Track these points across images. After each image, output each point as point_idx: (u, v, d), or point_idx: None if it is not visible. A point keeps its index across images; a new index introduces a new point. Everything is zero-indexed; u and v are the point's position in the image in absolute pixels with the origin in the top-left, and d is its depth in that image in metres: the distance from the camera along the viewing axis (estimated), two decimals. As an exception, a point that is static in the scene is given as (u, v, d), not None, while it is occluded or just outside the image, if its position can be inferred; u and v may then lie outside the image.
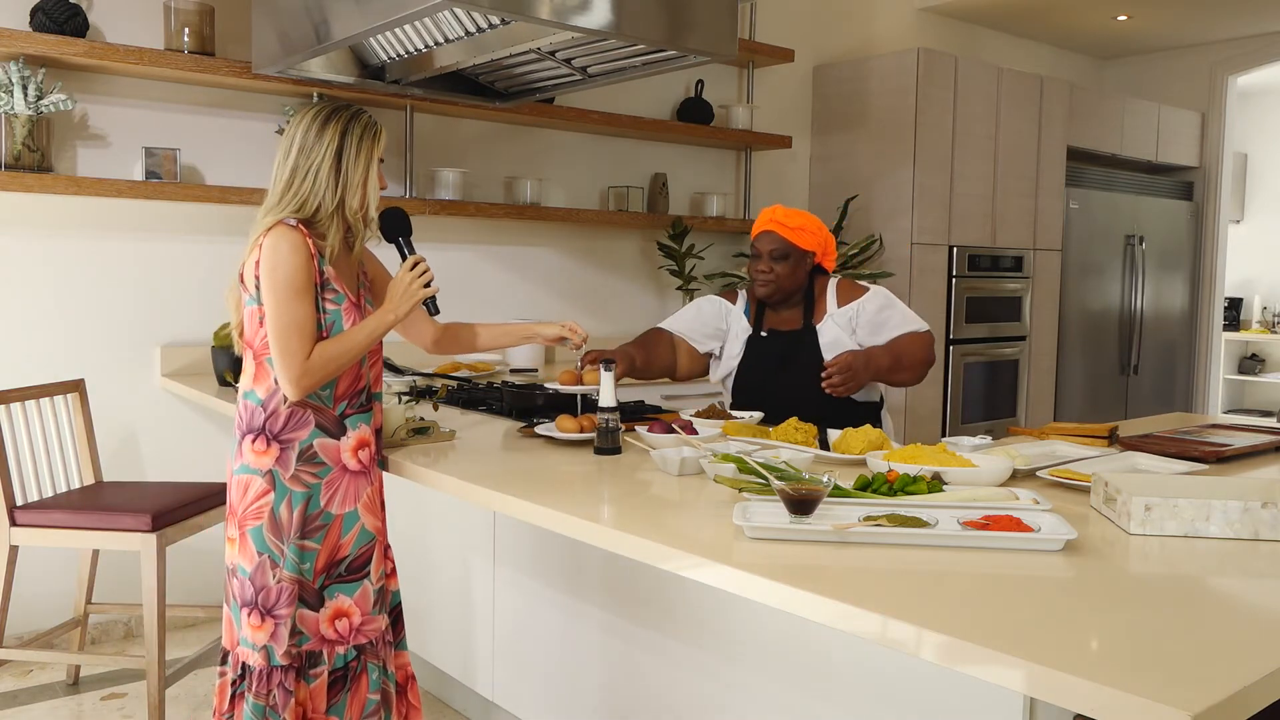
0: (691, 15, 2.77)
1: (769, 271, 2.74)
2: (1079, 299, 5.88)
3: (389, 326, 2.07)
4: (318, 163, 2.01)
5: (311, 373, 1.96)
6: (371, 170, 2.06)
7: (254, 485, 2.01)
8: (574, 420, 2.35)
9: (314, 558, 2.02)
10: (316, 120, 2.02)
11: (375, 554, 2.11)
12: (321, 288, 2.01)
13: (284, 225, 1.99)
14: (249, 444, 2.02)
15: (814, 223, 2.78)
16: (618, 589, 2.23)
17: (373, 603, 2.09)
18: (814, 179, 5.37)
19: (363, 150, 2.04)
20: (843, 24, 5.44)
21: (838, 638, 1.70)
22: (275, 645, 1.99)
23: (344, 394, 2.06)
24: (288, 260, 1.95)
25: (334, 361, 1.99)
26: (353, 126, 2.03)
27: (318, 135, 2.01)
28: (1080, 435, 2.50)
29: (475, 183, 4.26)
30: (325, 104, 2.06)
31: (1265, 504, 1.62)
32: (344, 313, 2.03)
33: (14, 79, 3.13)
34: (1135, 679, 1.06)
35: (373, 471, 2.12)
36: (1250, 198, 8.08)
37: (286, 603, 1.99)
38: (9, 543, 2.74)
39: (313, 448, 2.02)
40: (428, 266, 2.12)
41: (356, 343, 2.01)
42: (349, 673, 2.07)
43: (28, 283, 3.33)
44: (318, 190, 2.01)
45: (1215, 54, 6.56)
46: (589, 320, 4.64)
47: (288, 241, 1.96)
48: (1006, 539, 1.54)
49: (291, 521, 2.00)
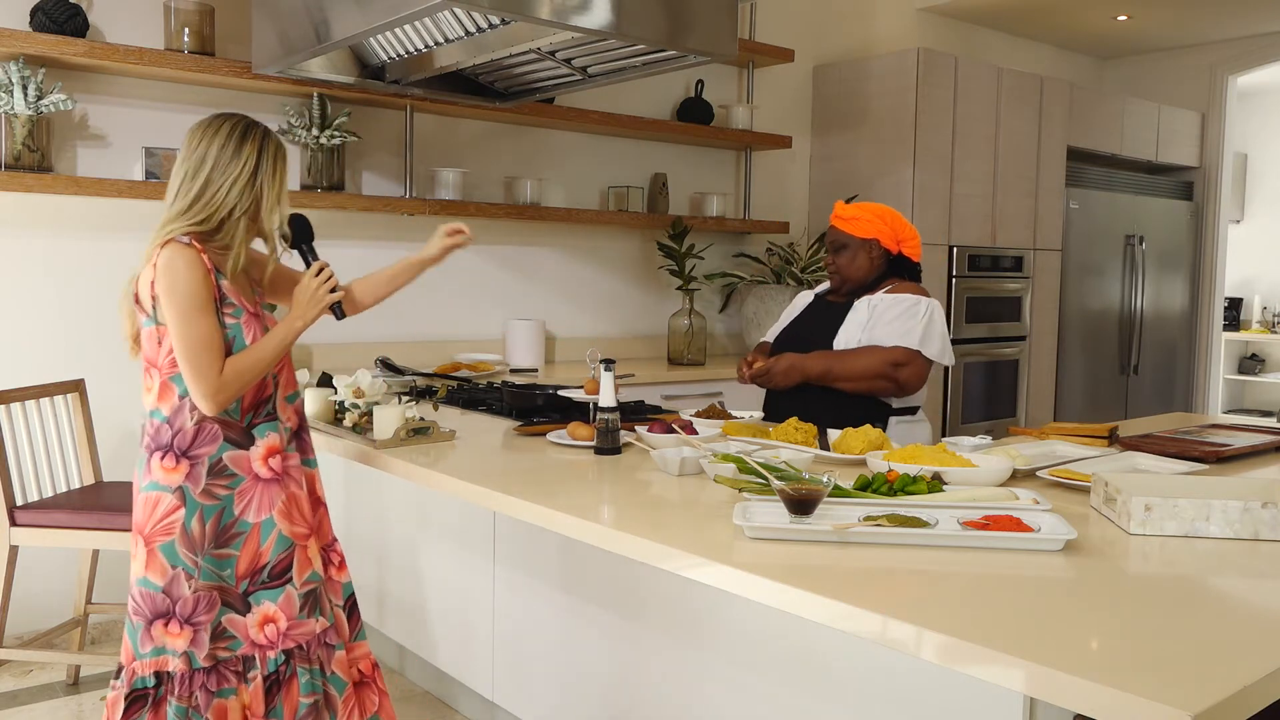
0: (691, 15, 2.78)
1: (832, 264, 2.88)
2: (1079, 299, 5.88)
3: (298, 333, 2.11)
4: (234, 177, 2.03)
5: (226, 388, 1.99)
6: (284, 185, 2.11)
7: (163, 502, 2.00)
8: (588, 427, 2.34)
9: (234, 564, 2.03)
10: (232, 137, 2.05)
11: (297, 559, 2.10)
12: (220, 303, 2.02)
13: (177, 243, 1.99)
14: (157, 461, 2.01)
15: (872, 211, 2.82)
16: (618, 589, 2.23)
17: (299, 607, 2.09)
18: (814, 179, 5.37)
19: (277, 168, 2.09)
20: (843, 24, 5.44)
21: (838, 638, 1.70)
22: (196, 650, 2.01)
23: (250, 405, 2.07)
24: (186, 278, 1.96)
25: (247, 374, 2.01)
26: (268, 145, 2.08)
27: (235, 151, 2.04)
28: (1080, 435, 2.50)
29: (475, 183, 4.26)
30: (232, 119, 2.08)
31: (1265, 504, 1.62)
32: (244, 325, 2.05)
33: (14, 79, 3.13)
34: (1135, 679, 1.06)
35: (288, 477, 2.11)
36: (1250, 198, 8.08)
37: (205, 609, 2.01)
38: (9, 543, 2.74)
39: (222, 461, 2.03)
40: (332, 272, 2.16)
41: (268, 352, 2.04)
42: (279, 677, 2.08)
43: (28, 282, 3.33)
44: (229, 203, 2.03)
45: (1215, 54, 6.56)
46: (589, 320, 4.64)
47: (183, 259, 1.97)
48: (1006, 539, 1.54)
49: (204, 535, 2.01)
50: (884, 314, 2.75)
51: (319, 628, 2.13)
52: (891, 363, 2.69)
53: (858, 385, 2.72)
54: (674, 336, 4.60)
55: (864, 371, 2.69)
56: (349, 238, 3.97)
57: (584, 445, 2.32)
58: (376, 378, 2.71)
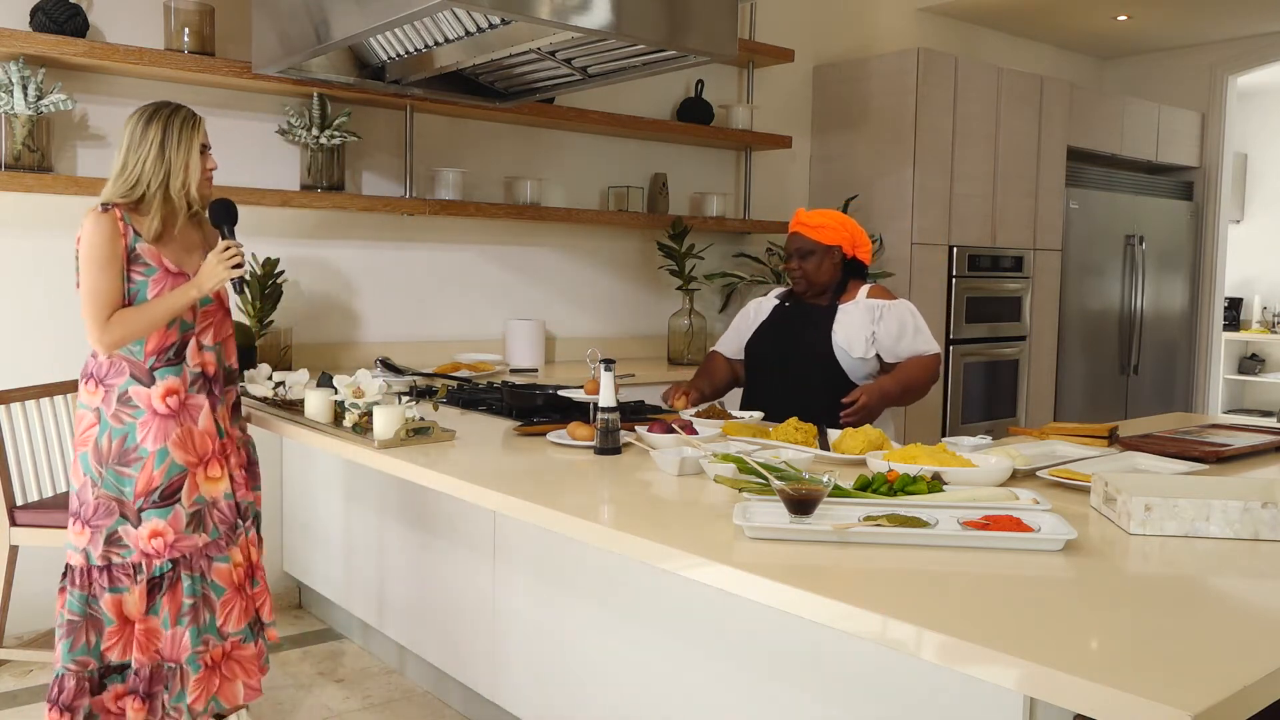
0: (691, 15, 2.77)
1: (797, 269, 2.98)
2: (1079, 299, 5.88)
3: (191, 300, 2.42)
4: (144, 154, 2.39)
5: (110, 333, 2.35)
6: (193, 154, 2.43)
7: (85, 419, 2.43)
8: (588, 427, 2.34)
9: (133, 484, 2.40)
10: (142, 120, 2.42)
11: (186, 484, 2.44)
12: (131, 262, 2.38)
13: (95, 210, 2.38)
14: (84, 385, 2.45)
15: (835, 219, 2.98)
16: (617, 588, 2.23)
17: (185, 523, 2.44)
18: (814, 179, 5.37)
19: (183, 139, 2.42)
20: (843, 24, 5.44)
21: (838, 638, 1.70)
22: (92, 549, 2.40)
23: (153, 350, 2.43)
24: (90, 238, 2.35)
25: (131, 325, 2.36)
26: (173, 120, 2.43)
27: (143, 132, 2.41)
28: (1080, 435, 2.50)
29: (475, 183, 4.26)
30: (149, 106, 2.45)
31: (1265, 504, 1.62)
32: (151, 283, 2.40)
33: (14, 79, 3.13)
34: (1135, 679, 1.06)
35: (185, 414, 2.45)
36: (1250, 198, 8.08)
37: (103, 515, 2.40)
38: (9, 543, 2.75)
39: (128, 393, 2.41)
40: (238, 251, 2.44)
41: (155, 312, 2.38)
42: (165, 581, 2.44)
43: (28, 282, 3.33)
44: (144, 176, 2.39)
45: (1215, 54, 6.56)
46: (589, 320, 4.64)
47: (92, 222, 2.36)
48: (1006, 539, 1.54)
49: (110, 451, 2.40)
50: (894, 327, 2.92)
51: (201, 542, 2.48)
52: (936, 367, 2.96)
53: (922, 394, 2.98)
54: (674, 336, 4.60)
55: (927, 381, 2.93)
56: (349, 238, 3.97)
57: (584, 445, 2.32)
58: (376, 378, 2.71)
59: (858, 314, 2.92)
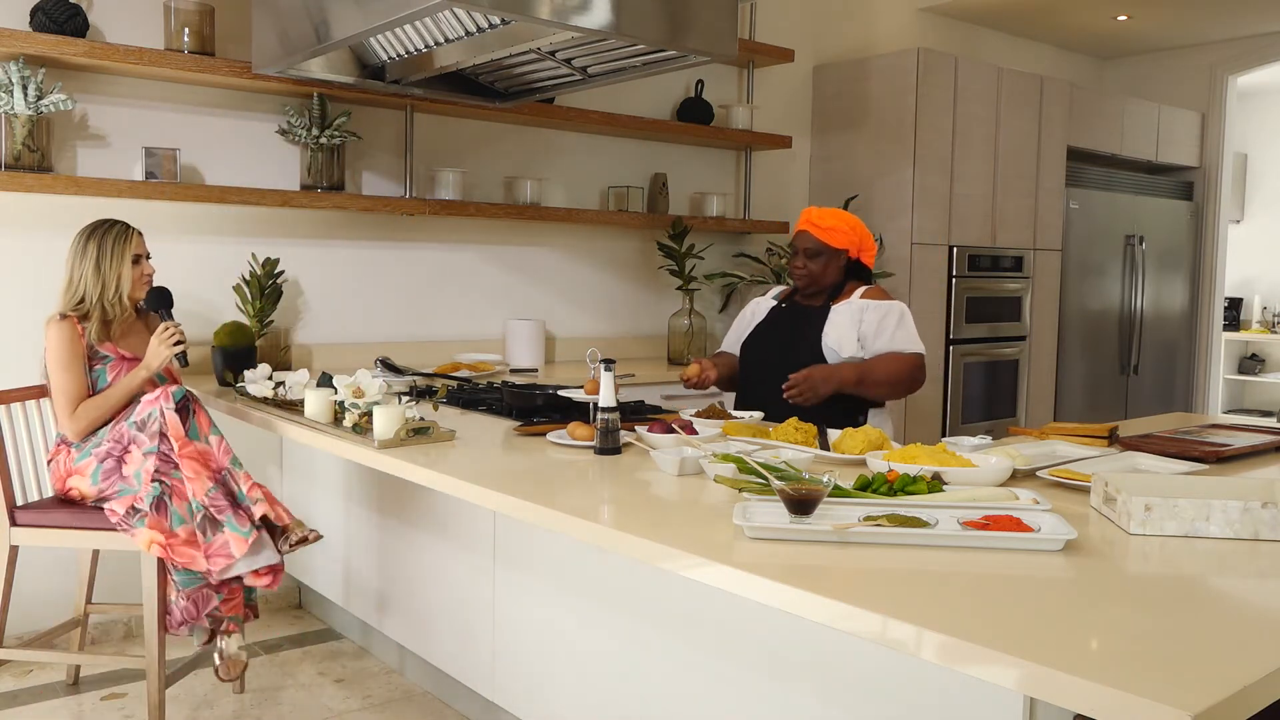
0: (691, 15, 2.77)
1: (804, 268, 2.99)
2: (1079, 299, 5.88)
3: (142, 381, 2.76)
4: (84, 271, 2.77)
5: (77, 422, 2.72)
6: (124, 267, 2.79)
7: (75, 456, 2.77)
8: (588, 428, 2.34)
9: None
10: (82, 238, 2.79)
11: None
12: (92, 357, 2.77)
13: (54, 319, 2.76)
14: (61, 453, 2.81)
15: (846, 222, 2.98)
16: (617, 588, 2.23)
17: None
18: (814, 179, 5.37)
19: (114, 254, 2.78)
20: (843, 24, 5.44)
21: (838, 638, 1.70)
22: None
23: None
24: (54, 345, 2.74)
25: (94, 413, 2.73)
26: (106, 238, 2.78)
27: (81, 252, 2.78)
28: (1080, 435, 2.50)
29: (475, 183, 4.26)
30: (90, 225, 2.81)
31: (1265, 504, 1.62)
32: (109, 369, 2.79)
33: (14, 79, 3.13)
34: (1135, 679, 1.06)
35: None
36: (1250, 198, 8.08)
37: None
38: (9, 543, 2.74)
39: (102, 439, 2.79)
40: (175, 330, 2.77)
41: (113, 396, 2.75)
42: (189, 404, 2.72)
43: (28, 283, 3.33)
44: (87, 292, 2.77)
45: (1215, 54, 6.56)
46: (589, 320, 4.64)
47: (55, 330, 2.74)
48: (1007, 539, 1.54)
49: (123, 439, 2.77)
50: (875, 324, 2.90)
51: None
52: (917, 367, 2.91)
53: (888, 391, 2.91)
54: (674, 336, 4.60)
55: (895, 377, 2.87)
56: (349, 238, 3.97)
57: (584, 445, 2.32)
58: (376, 378, 2.71)
59: (848, 314, 2.93)
